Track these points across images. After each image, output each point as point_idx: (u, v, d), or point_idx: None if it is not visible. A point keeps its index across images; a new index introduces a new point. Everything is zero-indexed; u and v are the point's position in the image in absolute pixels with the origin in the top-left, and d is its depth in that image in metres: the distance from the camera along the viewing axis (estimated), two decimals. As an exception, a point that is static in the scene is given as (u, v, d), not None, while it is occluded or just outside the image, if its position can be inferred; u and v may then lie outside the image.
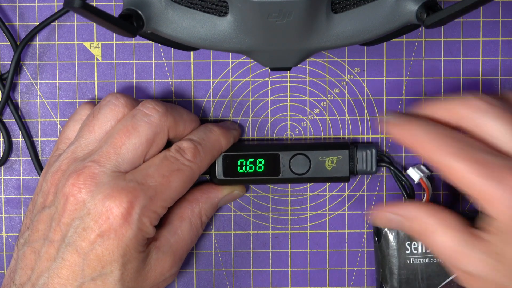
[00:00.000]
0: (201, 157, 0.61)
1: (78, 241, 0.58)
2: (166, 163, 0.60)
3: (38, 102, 0.67)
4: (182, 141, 0.62)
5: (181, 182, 0.60)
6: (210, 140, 0.63)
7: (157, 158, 0.60)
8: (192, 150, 0.61)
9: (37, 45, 0.66)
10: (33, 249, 0.59)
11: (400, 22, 0.56)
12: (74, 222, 0.58)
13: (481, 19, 0.66)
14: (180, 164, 0.60)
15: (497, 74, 0.66)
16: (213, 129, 0.63)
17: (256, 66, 0.66)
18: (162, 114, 0.60)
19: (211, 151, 0.62)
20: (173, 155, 0.60)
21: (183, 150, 0.61)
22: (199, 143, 0.62)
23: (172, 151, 0.61)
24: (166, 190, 0.59)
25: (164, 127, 0.61)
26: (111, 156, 0.59)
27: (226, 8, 0.55)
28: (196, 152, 0.61)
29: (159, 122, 0.60)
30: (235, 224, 0.67)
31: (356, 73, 0.66)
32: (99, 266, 0.57)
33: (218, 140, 0.63)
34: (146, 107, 0.61)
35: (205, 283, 0.67)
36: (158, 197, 0.59)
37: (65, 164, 0.60)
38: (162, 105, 0.61)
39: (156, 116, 0.60)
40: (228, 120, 0.67)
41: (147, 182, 0.58)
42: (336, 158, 0.64)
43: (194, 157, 0.61)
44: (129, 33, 0.54)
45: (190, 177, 0.61)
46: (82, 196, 0.58)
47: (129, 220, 0.57)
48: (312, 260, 0.67)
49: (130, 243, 0.58)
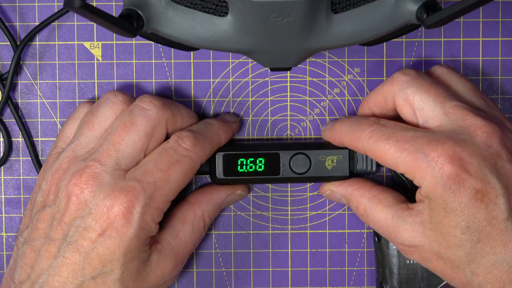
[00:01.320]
0: (200, 146, 0.61)
1: (80, 240, 0.58)
2: (164, 155, 0.60)
3: (38, 102, 0.67)
4: (182, 131, 0.62)
5: (181, 174, 0.60)
6: (209, 131, 0.63)
7: (155, 152, 0.60)
8: (191, 138, 0.61)
9: (37, 45, 0.66)
10: (33, 247, 0.60)
11: (400, 22, 0.56)
12: (75, 221, 0.58)
13: (481, 19, 0.66)
14: (178, 155, 0.60)
15: (497, 74, 0.66)
16: (212, 123, 0.63)
17: (256, 66, 0.66)
18: (160, 107, 0.60)
19: (210, 142, 0.62)
20: (171, 146, 0.60)
21: (181, 138, 0.60)
22: (198, 133, 0.62)
23: (171, 142, 0.60)
24: (166, 184, 0.59)
25: (162, 121, 0.60)
26: (111, 153, 0.59)
27: (226, 8, 0.55)
28: (196, 141, 0.61)
29: (157, 116, 0.60)
30: (235, 224, 0.67)
31: (356, 73, 0.66)
32: (99, 265, 0.58)
33: (217, 133, 0.63)
34: (143, 101, 0.61)
35: (205, 283, 0.67)
36: (159, 192, 0.59)
37: (66, 163, 0.60)
38: (159, 99, 0.61)
39: (154, 110, 0.60)
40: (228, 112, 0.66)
41: (146, 179, 0.58)
42: (336, 158, 0.64)
43: (193, 146, 0.60)
44: (129, 33, 0.54)
45: (190, 167, 0.60)
46: (84, 196, 0.58)
47: (130, 219, 0.57)
48: (312, 260, 0.67)
49: (132, 242, 0.58)
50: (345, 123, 0.62)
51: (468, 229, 0.56)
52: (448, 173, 0.56)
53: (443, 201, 0.56)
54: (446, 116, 0.58)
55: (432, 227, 0.57)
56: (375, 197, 0.62)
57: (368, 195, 0.62)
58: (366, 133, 0.59)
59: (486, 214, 0.56)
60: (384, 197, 0.61)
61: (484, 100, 0.61)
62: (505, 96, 0.67)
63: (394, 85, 0.60)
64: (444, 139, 0.57)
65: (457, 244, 0.57)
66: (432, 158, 0.56)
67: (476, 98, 0.60)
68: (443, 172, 0.56)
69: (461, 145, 0.56)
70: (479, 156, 0.56)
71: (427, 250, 0.58)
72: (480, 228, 0.56)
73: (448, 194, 0.56)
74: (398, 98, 0.60)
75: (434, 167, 0.56)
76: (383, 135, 0.59)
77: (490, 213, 0.56)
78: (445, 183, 0.56)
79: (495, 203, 0.56)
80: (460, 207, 0.56)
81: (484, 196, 0.56)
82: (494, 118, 0.59)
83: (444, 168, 0.56)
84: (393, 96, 0.60)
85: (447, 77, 0.62)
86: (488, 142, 0.57)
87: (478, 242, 0.56)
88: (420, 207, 0.58)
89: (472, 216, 0.56)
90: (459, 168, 0.56)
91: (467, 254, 0.56)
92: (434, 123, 0.58)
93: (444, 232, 0.57)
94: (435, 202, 0.57)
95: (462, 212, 0.56)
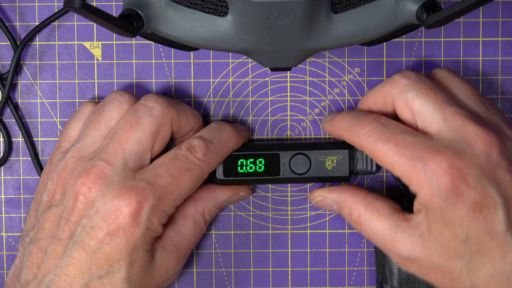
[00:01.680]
0: (212, 156, 0.61)
1: (86, 239, 0.58)
2: (176, 162, 0.60)
3: (38, 102, 0.67)
4: (193, 138, 0.61)
5: (191, 182, 0.60)
6: (221, 139, 0.62)
7: (167, 156, 0.60)
8: (203, 148, 0.61)
9: (37, 45, 0.66)
10: (39, 247, 0.60)
11: (400, 22, 0.56)
12: (82, 220, 0.58)
13: (481, 19, 0.66)
14: (190, 163, 0.60)
15: (497, 74, 0.66)
16: (226, 127, 0.63)
17: (256, 66, 0.66)
18: (165, 106, 0.61)
19: (221, 150, 0.62)
20: (184, 153, 0.60)
21: (193, 148, 0.60)
22: (210, 142, 0.61)
23: (183, 149, 0.60)
24: (175, 189, 0.59)
25: (167, 119, 0.61)
26: (118, 153, 0.59)
27: (226, 8, 0.55)
28: (207, 151, 0.61)
29: (162, 114, 0.60)
30: (235, 224, 0.67)
31: (356, 73, 0.66)
32: (106, 265, 0.58)
33: (229, 139, 0.63)
34: (148, 100, 0.61)
35: (205, 283, 0.67)
36: (168, 196, 0.59)
37: (72, 163, 0.60)
38: (164, 98, 0.61)
39: (159, 108, 0.60)
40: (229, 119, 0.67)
41: (156, 182, 0.58)
42: (336, 158, 0.64)
43: (205, 156, 0.60)
44: (129, 33, 0.54)
45: (200, 176, 0.61)
46: (92, 195, 0.58)
47: (138, 219, 0.57)
48: (312, 260, 0.67)
49: (139, 242, 0.58)
50: (345, 116, 0.62)
51: (468, 240, 0.56)
52: (446, 184, 0.55)
53: (441, 212, 0.56)
54: (446, 123, 0.57)
55: (432, 239, 0.57)
56: (371, 205, 0.60)
57: (364, 203, 0.61)
58: (365, 130, 0.59)
59: (485, 225, 0.55)
60: (380, 206, 0.60)
61: (484, 105, 0.60)
62: (505, 96, 0.67)
63: (394, 87, 0.60)
64: (444, 149, 0.56)
65: (457, 255, 0.56)
66: (430, 168, 0.56)
67: (476, 103, 0.60)
68: (441, 183, 0.55)
69: (460, 155, 0.56)
70: (478, 167, 0.56)
71: (426, 262, 0.58)
72: (479, 240, 0.56)
73: (446, 206, 0.55)
74: (397, 102, 0.60)
75: (432, 177, 0.56)
76: (383, 135, 0.58)
77: (489, 224, 0.55)
78: (443, 194, 0.55)
79: (494, 214, 0.55)
80: (459, 219, 0.55)
81: (483, 207, 0.55)
82: (493, 126, 0.58)
83: (442, 180, 0.55)
84: (392, 99, 0.60)
85: (448, 81, 0.61)
86: (488, 152, 0.56)
87: (478, 253, 0.56)
88: (419, 218, 0.58)
89: (471, 228, 0.56)
90: (458, 179, 0.55)
91: (466, 264, 0.56)
92: (433, 128, 0.58)
93: (445, 244, 0.56)
94: (433, 212, 0.56)
95: (461, 224, 0.56)
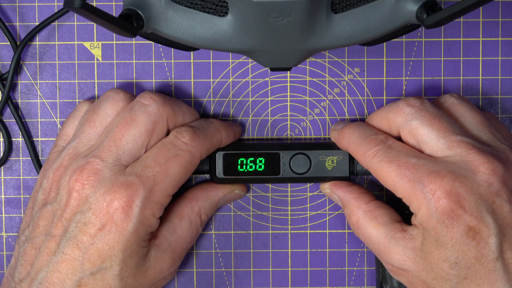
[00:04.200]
0: (200, 141, 0.61)
1: (79, 235, 0.58)
2: (163, 149, 0.60)
3: (38, 102, 0.67)
4: (181, 126, 0.62)
5: (180, 168, 0.60)
6: (209, 128, 0.63)
7: (155, 147, 0.60)
8: (190, 133, 0.61)
9: (37, 45, 0.66)
10: (33, 245, 0.60)
11: (400, 22, 0.56)
12: (75, 217, 0.58)
13: (481, 19, 0.66)
14: (177, 149, 0.60)
15: (497, 74, 0.66)
16: (213, 121, 0.64)
17: (256, 66, 0.66)
18: (160, 103, 0.61)
19: (210, 137, 0.62)
20: (170, 140, 0.60)
21: (180, 133, 0.60)
22: (197, 128, 0.62)
23: (170, 136, 0.60)
24: (165, 178, 0.59)
25: (163, 116, 0.61)
26: (112, 150, 0.59)
27: (226, 8, 0.55)
28: (195, 135, 0.61)
29: (157, 112, 0.60)
30: (235, 224, 0.67)
31: (356, 73, 0.66)
32: (98, 261, 0.58)
33: (218, 130, 0.63)
34: (143, 97, 0.61)
35: (205, 283, 0.67)
36: (158, 186, 0.59)
37: (67, 161, 0.60)
38: (160, 95, 0.61)
39: (154, 105, 0.60)
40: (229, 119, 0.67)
41: (145, 174, 0.58)
42: (336, 158, 0.64)
43: (192, 140, 0.60)
44: (129, 33, 0.54)
45: (189, 161, 0.60)
46: (85, 192, 0.58)
47: (130, 213, 0.57)
48: (312, 260, 0.67)
49: (131, 237, 0.58)
50: (354, 131, 0.62)
51: (457, 265, 0.56)
52: (443, 207, 0.56)
53: (436, 233, 0.56)
54: (450, 150, 0.58)
55: (423, 256, 0.58)
56: (371, 212, 0.61)
57: (365, 208, 0.62)
58: (372, 151, 0.60)
59: (476, 252, 0.56)
60: (380, 214, 0.61)
61: (492, 133, 0.60)
62: (505, 96, 0.67)
63: (399, 115, 0.60)
64: (445, 172, 0.56)
65: (444, 277, 0.57)
66: (429, 190, 0.56)
67: (483, 132, 0.60)
68: (438, 205, 0.56)
69: (460, 180, 0.56)
70: (477, 193, 0.56)
71: (415, 276, 0.58)
72: (469, 265, 0.56)
73: (441, 228, 0.56)
74: (402, 130, 0.60)
75: (430, 199, 0.56)
76: (387, 156, 0.59)
77: (480, 251, 0.56)
78: (439, 216, 0.56)
79: (486, 242, 0.56)
80: (451, 242, 0.56)
81: (476, 233, 0.56)
82: (500, 154, 0.58)
83: (440, 202, 0.56)
84: (397, 127, 0.61)
85: (456, 109, 0.61)
86: (490, 180, 0.56)
87: (465, 278, 0.56)
88: (415, 232, 0.58)
89: (462, 252, 0.56)
90: (455, 203, 0.56)
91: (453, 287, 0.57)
92: (438, 155, 0.58)
93: (433, 264, 0.57)
94: (428, 232, 0.57)
95: (453, 247, 0.56)
